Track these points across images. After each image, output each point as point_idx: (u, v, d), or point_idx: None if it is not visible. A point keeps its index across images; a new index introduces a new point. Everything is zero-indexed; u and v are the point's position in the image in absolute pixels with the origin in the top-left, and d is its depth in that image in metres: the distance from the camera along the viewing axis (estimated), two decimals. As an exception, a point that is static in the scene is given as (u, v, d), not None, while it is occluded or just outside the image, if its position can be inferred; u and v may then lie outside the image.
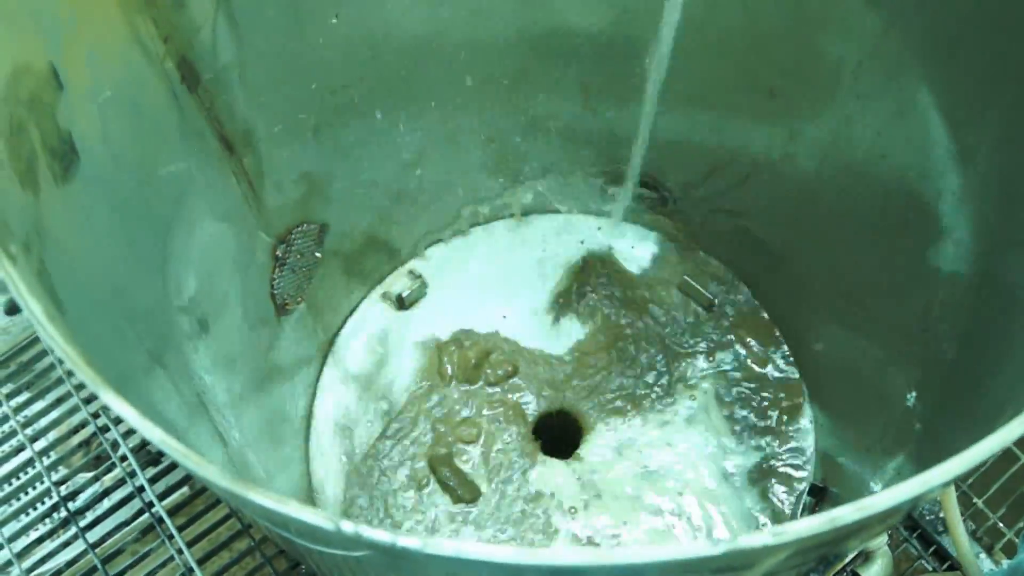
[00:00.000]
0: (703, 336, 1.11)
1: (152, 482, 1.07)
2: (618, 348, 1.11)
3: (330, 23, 0.86)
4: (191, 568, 1.02)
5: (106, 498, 1.09)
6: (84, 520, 1.08)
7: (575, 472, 1.03)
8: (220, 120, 0.82)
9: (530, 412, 1.07)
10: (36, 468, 1.11)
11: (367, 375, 1.10)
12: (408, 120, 1.01)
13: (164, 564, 1.04)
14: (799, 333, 1.09)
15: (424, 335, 1.13)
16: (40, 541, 1.08)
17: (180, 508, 1.08)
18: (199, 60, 0.77)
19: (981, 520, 1.16)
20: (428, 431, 1.06)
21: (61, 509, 1.08)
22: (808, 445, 1.04)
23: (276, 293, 0.98)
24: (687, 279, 1.13)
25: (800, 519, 0.38)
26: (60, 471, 1.12)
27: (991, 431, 0.42)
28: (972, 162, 0.76)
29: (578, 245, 1.19)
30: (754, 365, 1.09)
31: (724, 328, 1.12)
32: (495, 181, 1.15)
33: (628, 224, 1.19)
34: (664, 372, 1.09)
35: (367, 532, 0.37)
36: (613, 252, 1.17)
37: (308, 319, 1.05)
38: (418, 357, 1.11)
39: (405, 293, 1.14)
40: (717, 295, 1.13)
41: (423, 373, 1.10)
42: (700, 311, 1.13)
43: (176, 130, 0.77)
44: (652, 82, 0.97)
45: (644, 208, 1.15)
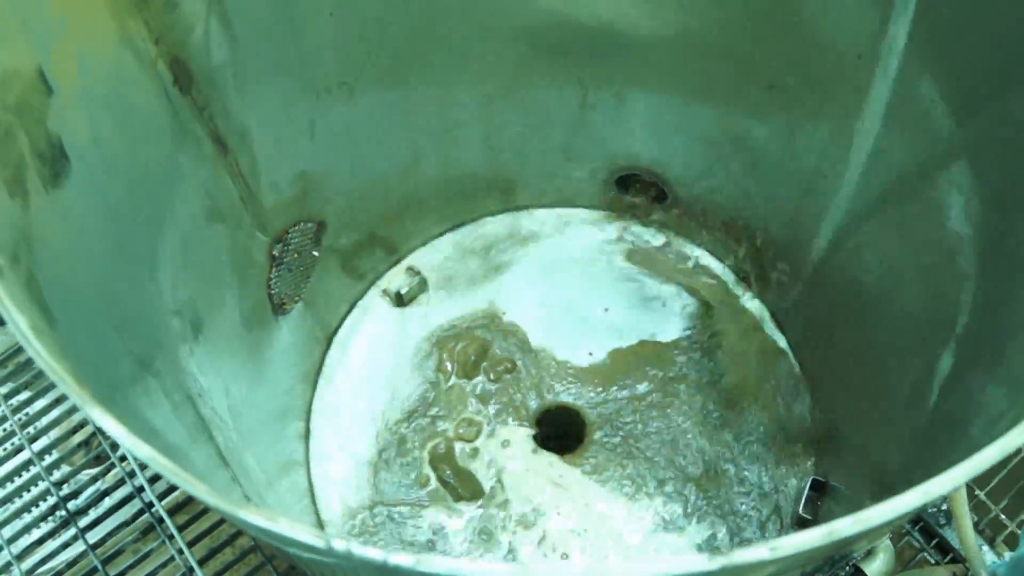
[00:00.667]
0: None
1: (152, 482, 1.06)
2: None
3: (325, 19, 0.85)
4: (192, 568, 1.01)
5: (106, 498, 1.09)
6: (84, 520, 1.07)
7: (575, 468, 1.03)
8: (214, 120, 0.81)
9: (531, 408, 1.07)
10: (35, 469, 1.11)
11: (366, 374, 1.09)
12: (405, 116, 1.00)
13: (165, 564, 1.04)
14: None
15: (423, 332, 1.12)
16: (40, 542, 1.07)
17: (180, 508, 1.08)
18: (192, 61, 0.76)
19: (983, 512, 1.16)
20: (428, 428, 1.05)
21: (61, 509, 1.08)
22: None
23: (273, 293, 0.97)
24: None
25: (797, 533, 0.37)
26: (60, 471, 1.11)
27: (992, 439, 0.42)
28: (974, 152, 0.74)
29: (580, 240, 1.18)
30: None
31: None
32: (495, 176, 1.14)
33: (627, 216, 1.18)
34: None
35: (358, 550, 0.37)
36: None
37: (306, 318, 1.04)
38: (417, 354, 1.11)
39: (404, 290, 1.13)
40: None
41: (422, 370, 1.09)
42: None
43: (169, 132, 0.76)
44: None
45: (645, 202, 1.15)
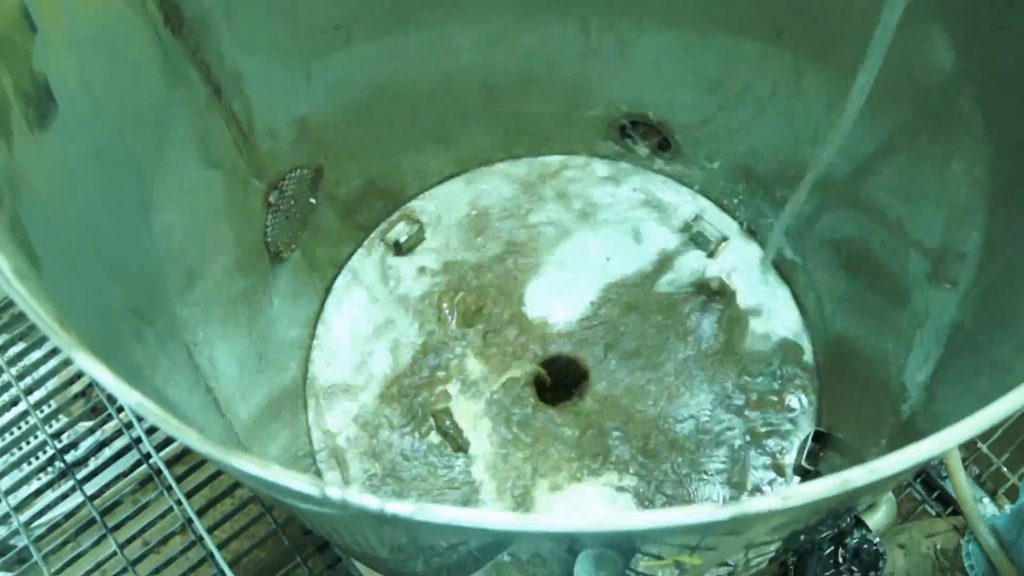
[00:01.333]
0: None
1: (149, 433, 1.06)
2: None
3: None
4: (190, 519, 1.01)
5: (104, 449, 1.08)
6: (82, 471, 1.07)
7: (577, 415, 1.02)
8: (207, 63, 0.79)
9: (531, 357, 1.06)
10: (32, 420, 1.10)
11: (365, 323, 1.08)
12: (404, 62, 0.98)
13: (163, 515, 1.04)
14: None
15: (423, 281, 1.11)
16: (38, 493, 1.07)
17: (178, 459, 1.07)
18: (183, 1, 0.74)
19: (985, 465, 1.16)
20: (428, 378, 1.05)
21: (58, 461, 1.08)
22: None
23: (269, 241, 0.95)
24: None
25: (810, 482, 0.36)
26: (57, 422, 1.11)
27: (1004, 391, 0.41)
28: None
29: (582, 188, 1.16)
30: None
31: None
32: (495, 123, 1.12)
33: (629, 165, 1.16)
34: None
35: (354, 498, 0.35)
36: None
37: (303, 267, 1.03)
38: (417, 303, 1.09)
39: (403, 239, 1.11)
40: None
41: (422, 318, 1.08)
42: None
43: (160, 74, 0.74)
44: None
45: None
